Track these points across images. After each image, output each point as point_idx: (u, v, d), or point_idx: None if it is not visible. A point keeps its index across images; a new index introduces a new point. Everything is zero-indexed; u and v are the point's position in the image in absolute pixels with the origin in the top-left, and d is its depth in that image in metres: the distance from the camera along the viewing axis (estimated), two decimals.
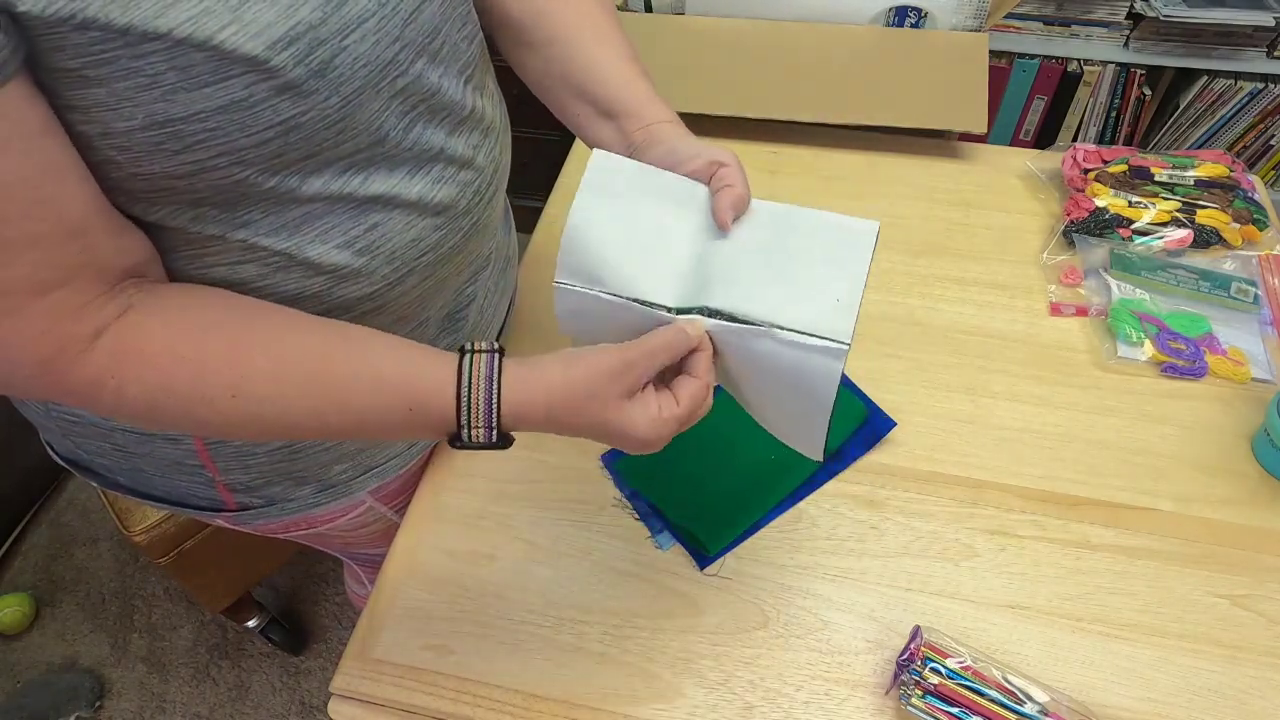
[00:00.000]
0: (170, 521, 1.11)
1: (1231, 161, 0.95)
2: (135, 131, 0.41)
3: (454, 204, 0.57)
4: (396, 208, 0.53)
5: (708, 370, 0.51)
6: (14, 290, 0.40)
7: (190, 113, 0.41)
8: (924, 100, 1.01)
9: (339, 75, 0.44)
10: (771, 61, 1.04)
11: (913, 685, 0.58)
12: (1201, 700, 0.60)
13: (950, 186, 1.00)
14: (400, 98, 0.50)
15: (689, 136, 0.58)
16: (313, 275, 0.52)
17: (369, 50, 0.46)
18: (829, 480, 0.72)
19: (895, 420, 0.75)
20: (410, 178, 0.53)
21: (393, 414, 0.48)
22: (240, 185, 0.46)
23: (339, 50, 0.44)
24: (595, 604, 0.66)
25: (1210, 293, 0.84)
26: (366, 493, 0.71)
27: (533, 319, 0.86)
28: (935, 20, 1.03)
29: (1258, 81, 1.59)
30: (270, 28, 0.41)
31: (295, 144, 0.45)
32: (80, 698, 1.43)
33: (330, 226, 0.51)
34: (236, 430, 0.48)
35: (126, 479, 0.66)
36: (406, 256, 0.56)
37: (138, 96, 0.39)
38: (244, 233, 0.49)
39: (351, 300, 0.55)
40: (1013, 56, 1.65)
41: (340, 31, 0.44)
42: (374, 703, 0.62)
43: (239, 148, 0.43)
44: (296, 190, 0.48)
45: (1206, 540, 0.68)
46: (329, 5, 0.43)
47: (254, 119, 0.43)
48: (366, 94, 0.47)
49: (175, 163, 0.43)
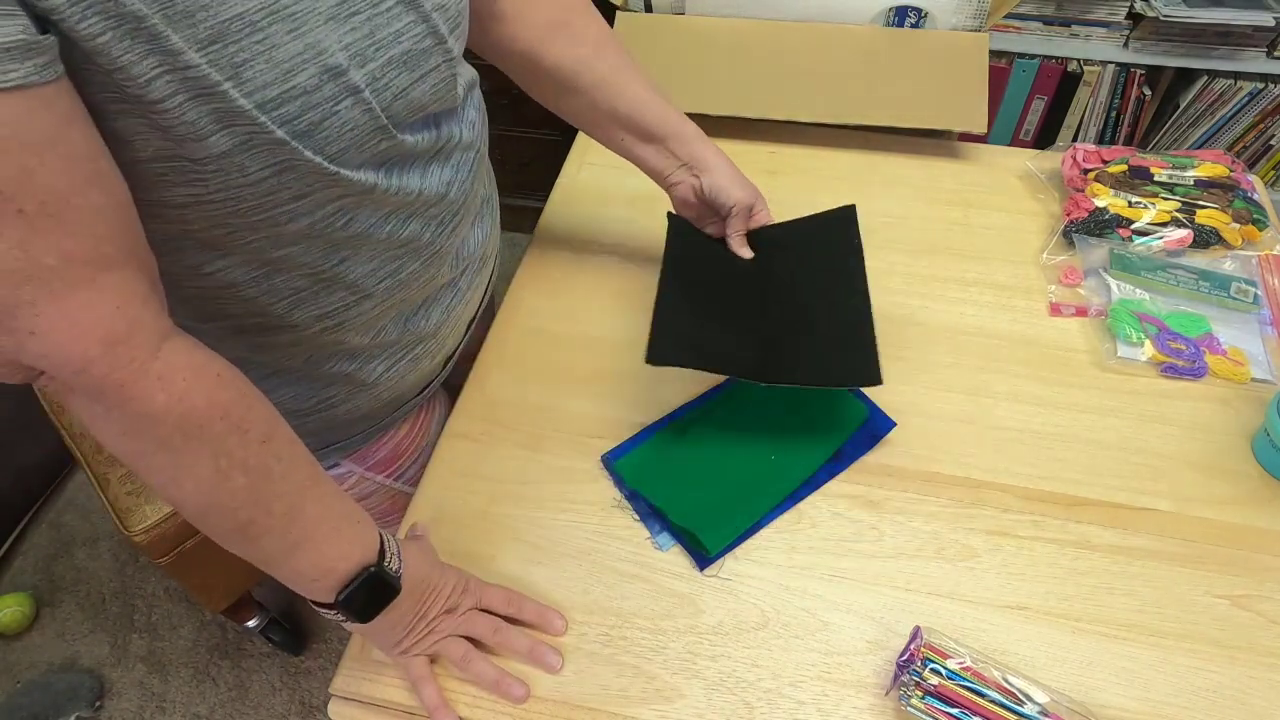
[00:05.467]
0: (170, 521, 1.11)
1: (1231, 161, 0.95)
2: (141, 164, 0.44)
3: (418, 237, 0.61)
4: (365, 244, 0.57)
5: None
6: (83, 260, 0.40)
7: (195, 157, 0.44)
8: (924, 100, 1.01)
9: (326, 137, 0.48)
10: (771, 61, 1.04)
11: (913, 686, 0.58)
12: (1201, 700, 0.60)
13: (950, 186, 1.00)
14: (384, 155, 0.54)
15: (726, 173, 0.76)
16: (278, 297, 0.56)
17: (357, 118, 0.49)
18: (829, 480, 0.72)
19: (895, 420, 0.75)
20: (386, 219, 0.57)
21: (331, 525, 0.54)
22: (231, 216, 0.48)
23: (329, 114, 0.47)
24: (595, 604, 0.66)
25: (1210, 293, 0.84)
26: (348, 460, 0.74)
27: (531, 317, 0.86)
28: (935, 20, 1.03)
29: (1258, 81, 1.59)
30: (266, 89, 0.44)
31: (288, 184, 0.48)
32: (80, 698, 1.43)
33: (301, 254, 0.54)
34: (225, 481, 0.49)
35: None
36: (366, 284, 0.60)
37: (149, 134, 0.42)
38: (223, 262, 0.52)
39: (310, 319, 0.59)
40: (1013, 56, 1.65)
41: (333, 99, 0.47)
42: (374, 703, 0.62)
43: (235, 185, 0.46)
44: (281, 226, 0.51)
45: (1206, 540, 0.68)
46: (325, 74, 0.46)
47: (251, 161, 0.45)
48: (352, 153, 0.50)
49: (173, 193, 0.46)
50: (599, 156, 1.04)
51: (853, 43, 1.03)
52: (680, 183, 0.78)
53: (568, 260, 0.92)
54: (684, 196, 0.79)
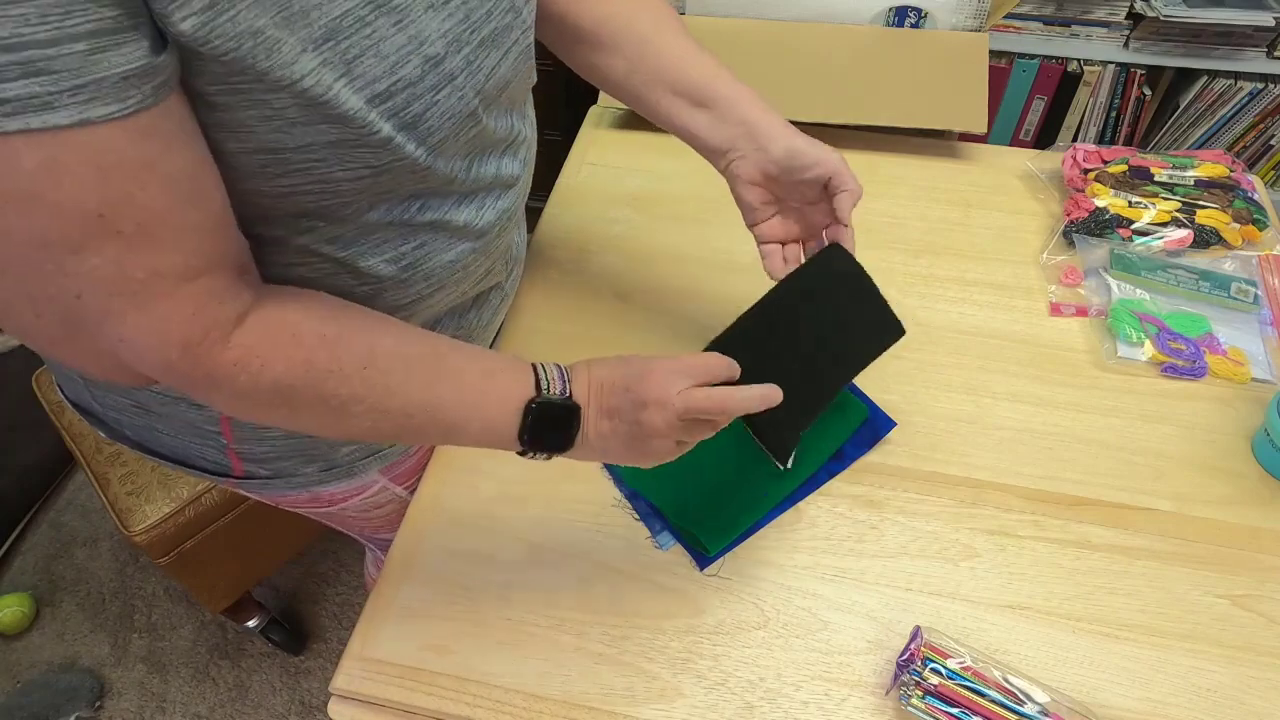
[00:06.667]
0: (170, 521, 1.11)
1: (1231, 161, 0.95)
2: (244, 154, 0.44)
3: (490, 228, 0.61)
4: (442, 231, 0.57)
5: (725, 399, 0.55)
6: (169, 274, 0.42)
7: (300, 144, 0.44)
8: (924, 100, 1.01)
9: (428, 127, 0.48)
10: (772, 61, 1.04)
11: (913, 685, 0.58)
12: (1201, 700, 0.60)
13: (950, 186, 1.00)
14: (470, 143, 0.54)
15: (797, 135, 0.64)
16: (359, 283, 0.56)
17: (454, 104, 0.49)
18: (829, 480, 0.72)
19: (895, 420, 0.75)
20: (458, 206, 0.57)
21: (475, 393, 0.53)
22: (319, 207, 0.49)
23: (430, 105, 0.48)
24: (595, 604, 0.66)
25: (1210, 293, 0.84)
26: (378, 472, 0.73)
27: (531, 317, 0.86)
28: (935, 20, 1.03)
29: (1258, 81, 1.58)
30: (375, 82, 0.44)
31: (383, 182, 0.49)
32: (80, 698, 1.43)
33: (383, 241, 0.55)
34: (350, 415, 0.50)
35: (133, 433, 0.67)
36: (441, 275, 0.60)
37: (257, 126, 0.43)
38: (305, 239, 0.52)
39: (388, 307, 0.58)
40: (1013, 56, 1.65)
41: (434, 88, 0.47)
42: (374, 703, 0.62)
43: (334, 179, 0.47)
44: (364, 214, 0.52)
45: (1206, 540, 0.68)
46: (427, 64, 0.46)
47: (354, 157, 0.46)
48: (448, 142, 0.51)
49: (272, 185, 0.46)
50: (599, 156, 1.04)
51: (853, 43, 1.03)
52: (741, 156, 0.64)
53: (568, 260, 0.92)
54: (748, 176, 0.65)
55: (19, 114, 0.34)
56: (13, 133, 0.34)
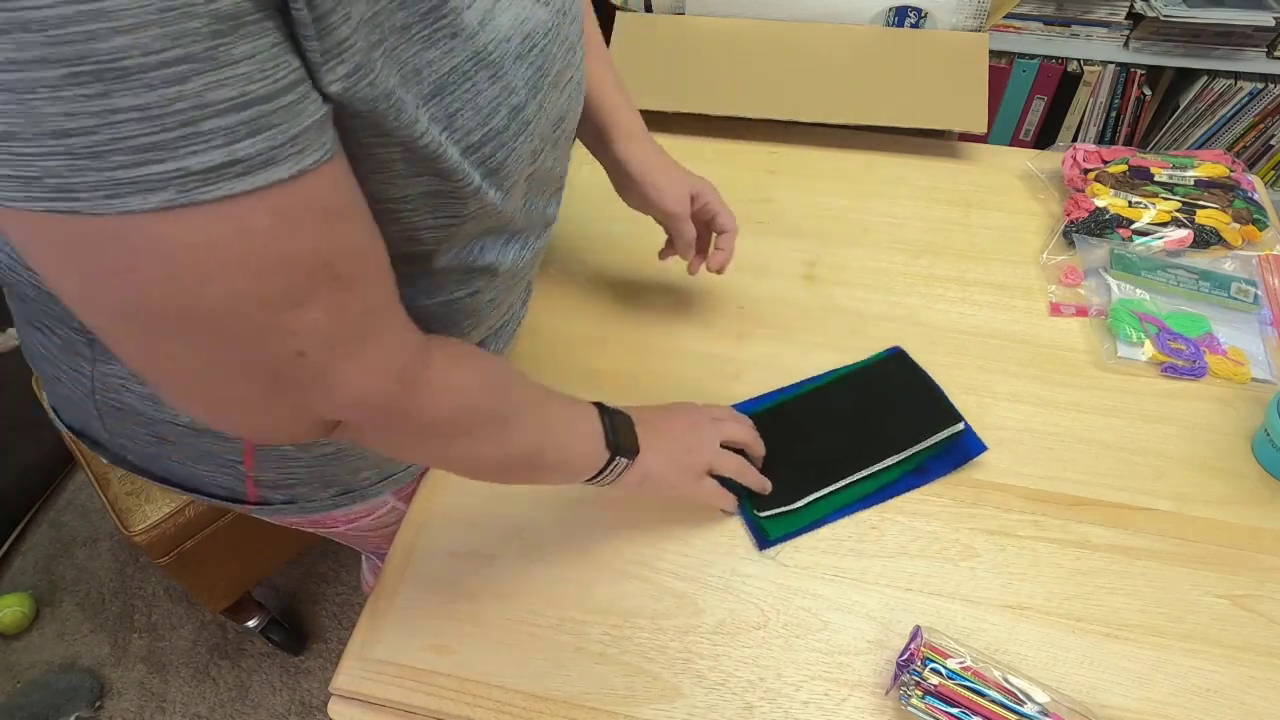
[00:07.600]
0: (170, 521, 1.11)
1: (1231, 161, 0.95)
2: None
3: (527, 267, 0.63)
4: (493, 273, 0.59)
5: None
6: (379, 308, 0.44)
7: (399, 195, 0.45)
8: (924, 100, 1.01)
9: (507, 172, 0.49)
10: (771, 61, 1.04)
11: (913, 686, 0.58)
12: (1201, 700, 0.60)
13: (950, 186, 1.00)
14: (529, 181, 0.55)
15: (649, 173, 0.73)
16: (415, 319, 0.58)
17: (527, 148, 0.50)
18: (906, 492, 0.71)
19: (986, 445, 0.73)
20: (507, 246, 0.58)
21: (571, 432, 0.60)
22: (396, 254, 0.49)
23: (511, 152, 0.48)
24: (595, 604, 0.66)
25: (1210, 293, 0.84)
26: (390, 494, 0.73)
27: (531, 317, 0.86)
28: (935, 20, 1.03)
29: (1258, 81, 1.59)
30: (470, 134, 0.45)
31: (465, 230, 0.51)
32: (80, 698, 1.43)
33: (441, 285, 0.56)
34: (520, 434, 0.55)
35: (138, 459, 0.66)
36: (484, 313, 0.61)
37: (370, 177, 0.43)
38: None
39: None
40: (1013, 56, 1.65)
41: (516, 135, 0.48)
42: (374, 703, 0.62)
43: (419, 226, 0.48)
44: (432, 259, 0.53)
45: (1206, 540, 0.68)
46: (512, 113, 0.47)
47: (445, 207, 0.47)
48: (518, 184, 0.52)
49: None
50: None
51: (853, 43, 1.03)
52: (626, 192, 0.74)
53: (568, 260, 0.92)
54: (640, 209, 0.75)
55: (249, 174, 0.33)
56: (246, 193, 0.33)
